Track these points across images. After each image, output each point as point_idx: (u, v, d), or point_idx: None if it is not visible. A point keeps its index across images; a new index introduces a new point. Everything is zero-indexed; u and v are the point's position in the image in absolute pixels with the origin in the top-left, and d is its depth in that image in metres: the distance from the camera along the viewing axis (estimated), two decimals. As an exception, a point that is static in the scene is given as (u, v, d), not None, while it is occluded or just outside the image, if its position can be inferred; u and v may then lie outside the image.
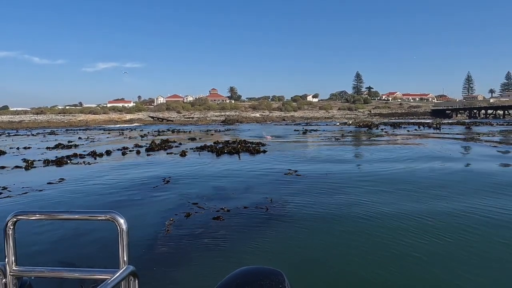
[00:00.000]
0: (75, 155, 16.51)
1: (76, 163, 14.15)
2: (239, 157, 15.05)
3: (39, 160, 14.72)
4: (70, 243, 5.63)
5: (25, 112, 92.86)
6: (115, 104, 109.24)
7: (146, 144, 21.23)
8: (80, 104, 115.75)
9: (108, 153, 17.48)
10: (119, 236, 1.41)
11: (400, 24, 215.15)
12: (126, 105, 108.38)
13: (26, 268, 1.52)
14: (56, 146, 21.44)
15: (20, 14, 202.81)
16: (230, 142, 21.22)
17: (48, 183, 9.81)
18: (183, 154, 16.25)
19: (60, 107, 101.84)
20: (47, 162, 14.22)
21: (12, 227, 1.47)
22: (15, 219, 1.47)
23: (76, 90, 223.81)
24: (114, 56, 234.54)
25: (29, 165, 13.44)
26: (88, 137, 31.99)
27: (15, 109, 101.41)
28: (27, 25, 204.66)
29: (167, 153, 17.01)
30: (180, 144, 22.04)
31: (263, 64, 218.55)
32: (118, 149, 18.77)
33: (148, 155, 16.83)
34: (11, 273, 1.48)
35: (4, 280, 1.49)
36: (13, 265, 1.48)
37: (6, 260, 1.48)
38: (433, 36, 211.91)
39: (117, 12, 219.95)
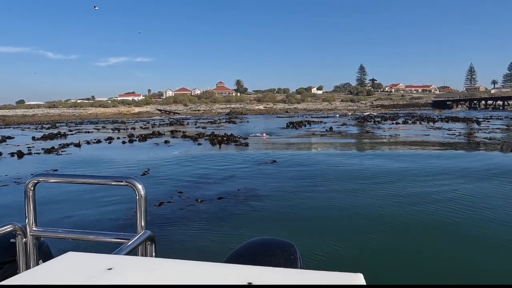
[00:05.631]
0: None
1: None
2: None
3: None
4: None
5: (39, 106, 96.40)
6: (125, 97, 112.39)
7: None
8: (93, 97, 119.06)
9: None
10: (137, 202, 1.43)
11: (405, 17, 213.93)
12: (136, 98, 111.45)
13: (45, 229, 1.54)
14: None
15: (34, 10, 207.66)
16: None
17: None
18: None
19: (73, 101, 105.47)
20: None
21: (32, 189, 1.49)
22: (35, 181, 1.49)
23: (89, 84, 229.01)
24: (125, 51, 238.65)
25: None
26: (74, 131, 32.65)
27: (29, 103, 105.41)
28: (41, 21, 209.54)
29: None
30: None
31: (270, 58, 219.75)
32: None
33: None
34: (31, 233, 1.50)
35: (24, 239, 1.51)
36: (33, 226, 1.51)
37: (27, 220, 1.50)
38: (437, 28, 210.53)
39: (128, 8, 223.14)
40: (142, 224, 1.45)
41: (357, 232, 5.28)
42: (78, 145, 18.47)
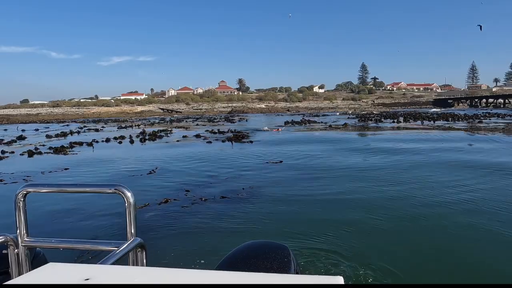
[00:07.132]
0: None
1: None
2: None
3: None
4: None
5: (42, 105, 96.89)
6: (128, 96, 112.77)
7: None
8: (96, 97, 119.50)
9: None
10: (127, 209, 1.43)
11: (406, 17, 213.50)
12: (138, 97, 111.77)
13: (36, 239, 1.54)
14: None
15: (36, 11, 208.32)
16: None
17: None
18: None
19: (76, 100, 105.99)
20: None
21: (22, 200, 1.49)
22: (25, 192, 1.49)
23: (92, 84, 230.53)
24: (128, 50, 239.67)
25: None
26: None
27: (33, 102, 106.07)
28: (44, 21, 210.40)
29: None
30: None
31: (272, 57, 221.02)
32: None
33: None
34: (23, 244, 1.50)
35: (16, 250, 1.51)
36: (25, 236, 1.50)
37: (18, 231, 1.50)
38: (439, 27, 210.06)
39: (130, 8, 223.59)
40: (132, 231, 1.45)
41: (361, 234, 5.26)
42: (90, 144, 18.98)
